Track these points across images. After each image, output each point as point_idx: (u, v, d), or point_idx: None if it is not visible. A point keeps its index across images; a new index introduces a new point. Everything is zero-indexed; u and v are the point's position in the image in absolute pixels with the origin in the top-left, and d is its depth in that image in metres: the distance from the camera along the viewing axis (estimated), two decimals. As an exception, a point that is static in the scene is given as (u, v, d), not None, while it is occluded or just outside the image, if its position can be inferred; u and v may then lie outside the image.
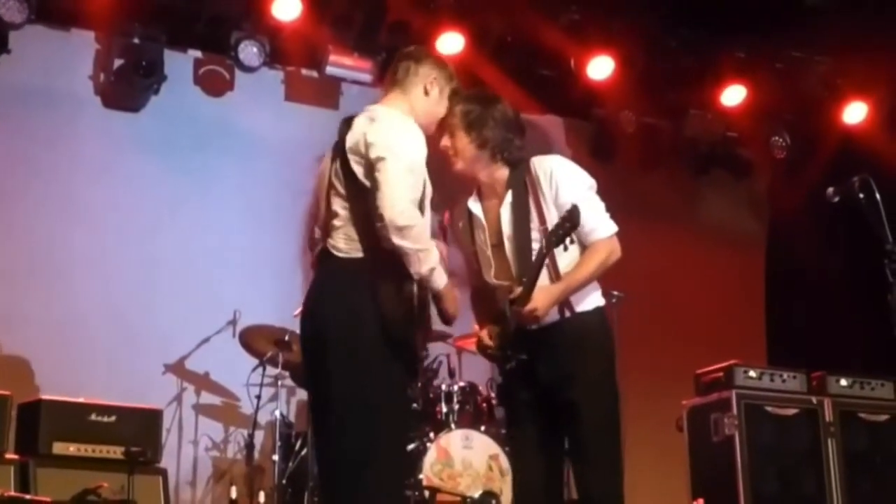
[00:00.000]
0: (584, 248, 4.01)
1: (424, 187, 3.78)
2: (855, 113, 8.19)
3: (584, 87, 7.89)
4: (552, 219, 3.91)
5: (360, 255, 3.74)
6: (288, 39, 7.33)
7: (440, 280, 3.74)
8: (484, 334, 4.06)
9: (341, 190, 3.80)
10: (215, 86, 7.56)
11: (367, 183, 3.71)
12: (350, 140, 3.80)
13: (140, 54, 7.01)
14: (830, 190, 4.23)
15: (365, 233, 3.73)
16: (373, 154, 3.70)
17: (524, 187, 4.02)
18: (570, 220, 3.81)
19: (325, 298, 3.80)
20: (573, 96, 8.01)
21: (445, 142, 4.04)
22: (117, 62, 7.10)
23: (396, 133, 3.76)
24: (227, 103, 7.57)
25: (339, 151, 3.83)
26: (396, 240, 3.61)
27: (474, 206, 4.14)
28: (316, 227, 3.94)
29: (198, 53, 7.55)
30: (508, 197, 4.04)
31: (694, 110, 8.29)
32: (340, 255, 3.78)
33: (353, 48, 7.38)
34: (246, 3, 7.12)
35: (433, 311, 3.85)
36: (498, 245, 4.06)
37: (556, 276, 3.97)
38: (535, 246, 3.93)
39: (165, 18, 7.09)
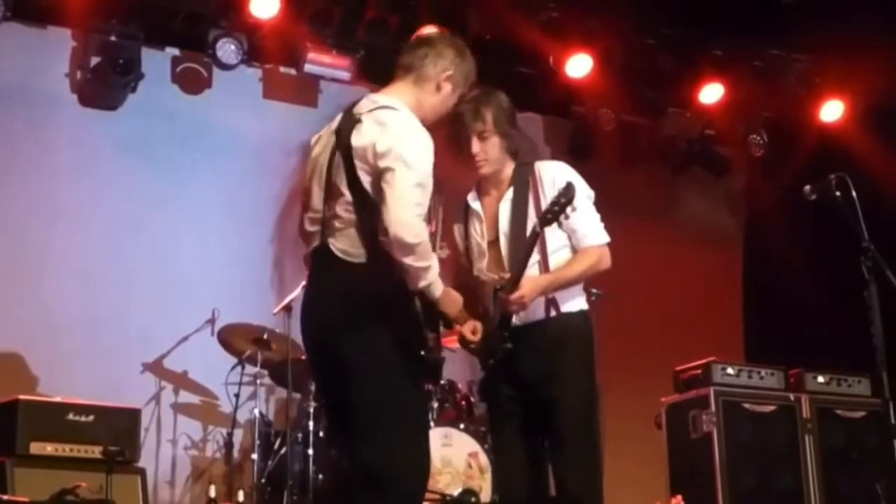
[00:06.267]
0: (574, 252, 4.07)
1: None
2: (832, 111, 8.22)
3: (562, 85, 7.90)
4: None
5: (364, 260, 3.63)
6: (266, 37, 7.30)
7: (437, 290, 3.65)
8: (467, 329, 4.07)
9: (345, 192, 3.66)
10: (193, 83, 7.53)
11: (373, 192, 3.59)
12: (357, 143, 3.64)
13: (117, 52, 6.97)
14: (807, 188, 4.26)
15: (369, 239, 3.60)
16: (382, 164, 3.55)
17: (526, 186, 4.08)
18: (566, 195, 3.85)
19: (331, 304, 3.66)
20: (552, 94, 8.02)
21: (477, 149, 4.03)
22: (94, 60, 7.05)
23: (408, 142, 3.59)
24: (205, 101, 7.54)
25: (343, 149, 3.68)
26: (400, 257, 3.50)
27: (473, 201, 4.19)
28: (306, 218, 3.80)
29: (175, 51, 7.52)
30: (509, 193, 4.09)
31: (672, 108, 8.32)
32: (346, 258, 3.65)
33: (332, 46, 7.36)
34: (223, 1, 7.09)
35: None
36: (494, 241, 4.11)
37: (545, 271, 4.02)
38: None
39: (143, 16, 7.05)
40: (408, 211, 3.50)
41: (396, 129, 3.63)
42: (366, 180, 3.61)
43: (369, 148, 3.60)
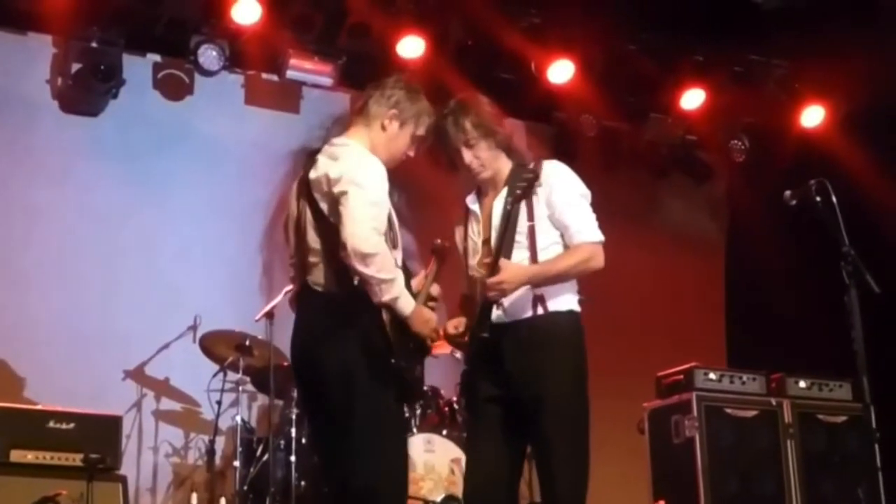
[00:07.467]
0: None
1: (390, 221, 3.83)
2: (812, 116, 8.26)
3: (544, 91, 7.90)
4: (541, 216, 3.99)
5: (334, 287, 3.78)
6: (248, 43, 7.29)
7: (406, 307, 3.74)
8: (451, 324, 4.09)
9: (311, 225, 3.85)
10: (175, 90, 7.51)
11: (333, 218, 3.76)
12: (313, 176, 3.85)
13: (98, 58, 6.95)
14: (788, 193, 4.28)
15: (336, 264, 3.75)
16: (336, 189, 3.75)
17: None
18: (533, 171, 3.95)
19: (313, 338, 3.82)
20: (534, 100, 8.01)
21: (469, 159, 4.07)
22: (75, 66, 7.02)
23: (359, 168, 3.79)
24: (186, 107, 7.52)
25: (304, 188, 3.89)
26: (360, 267, 3.65)
27: (472, 203, 4.21)
28: (289, 265, 4.00)
29: (157, 57, 7.50)
30: (503, 192, 4.09)
31: (654, 114, 8.35)
32: (319, 289, 3.82)
33: (314, 52, 7.36)
34: (205, 7, 7.08)
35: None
36: (487, 239, 4.11)
37: (533, 262, 4.00)
38: (519, 239, 3.98)
39: (124, 22, 7.02)
40: (363, 225, 3.67)
41: (347, 159, 3.83)
42: (325, 209, 3.80)
43: (323, 178, 3.81)
